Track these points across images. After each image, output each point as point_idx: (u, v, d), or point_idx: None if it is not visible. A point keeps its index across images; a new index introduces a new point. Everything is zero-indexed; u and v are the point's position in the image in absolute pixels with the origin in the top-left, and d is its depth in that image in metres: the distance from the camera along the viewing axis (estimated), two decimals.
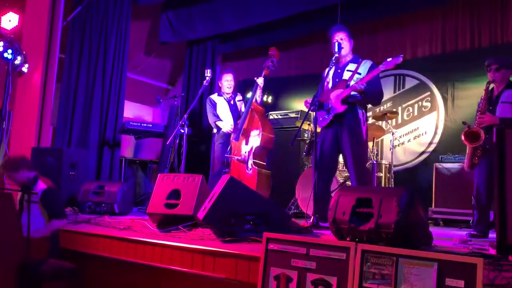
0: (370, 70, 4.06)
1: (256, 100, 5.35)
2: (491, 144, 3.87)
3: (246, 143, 5.17)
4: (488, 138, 3.89)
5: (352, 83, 4.04)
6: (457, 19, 5.97)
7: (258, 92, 5.34)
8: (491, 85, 4.04)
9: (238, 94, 5.72)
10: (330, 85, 4.24)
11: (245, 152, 5.13)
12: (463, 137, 3.95)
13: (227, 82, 5.61)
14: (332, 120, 4.12)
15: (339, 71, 4.21)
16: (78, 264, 3.50)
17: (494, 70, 3.96)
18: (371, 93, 3.99)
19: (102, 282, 3.68)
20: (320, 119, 4.23)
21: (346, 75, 4.13)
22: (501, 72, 3.96)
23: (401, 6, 6.10)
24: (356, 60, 4.20)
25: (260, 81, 5.27)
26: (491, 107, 3.96)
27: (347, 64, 4.19)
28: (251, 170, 5.01)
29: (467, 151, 3.99)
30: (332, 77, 4.24)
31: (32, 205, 3.27)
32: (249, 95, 5.40)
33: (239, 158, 5.13)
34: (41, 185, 3.42)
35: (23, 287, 3.03)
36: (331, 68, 4.20)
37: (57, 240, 3.50)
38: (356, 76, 4.08)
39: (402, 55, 3.86)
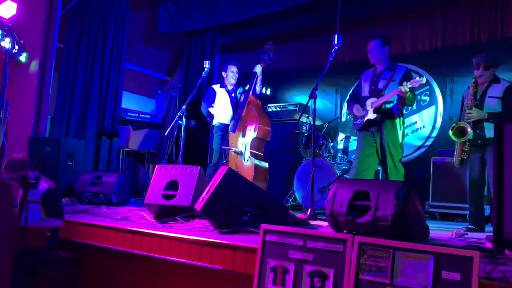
0: (404, 78, 4.12)
1: (255, 90, 5.35)
2: (484, 140, 3.90)
3: (243, 135, 5.19)
4: (479, 134, 3.91)
5: (386, 91, 4.15)
6: (457, 13, 5.95)
7: (258, 84, 5.36)
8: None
9: (240, 87, 5.73)
10: (367, 91, 4.35)
11: (242, 144, 5.15)
12: (451, 133, 4.00)
13: (233, 73, 5.63)
14: (364, 125, 4.25)
15: (375, 79, 4.31)
16: (76, 254, 3.51)
17: (483, 69, 4.00)
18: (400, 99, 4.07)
19: (99, 272, 3.69)
20: (354, 122, 4.45)
21: (382, 83, 4.23)
22: (489, 70, 4.01)
23: None
24: (392, 67, 4.28)
25: (258, 69, 5.28)
26: (478, 102, 3.99)
27: (382, 72, 4.28)
28: (248, 162, 5.03)
29: (457, 147, 4.02)
30: (369, 84, 4.34)
31: (33, 204, 3.29)
32: (247, 87, 5.41)
33: (236, 149, 5.15)
34: (43, 185, 3.43)
35: (19, 275, 3.04)
36: (368, 74, 4.38)
37: (56, 231, 3.50)
38: (391, 83, 4.17)
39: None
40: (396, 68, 4.27)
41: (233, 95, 5.62)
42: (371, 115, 4.17)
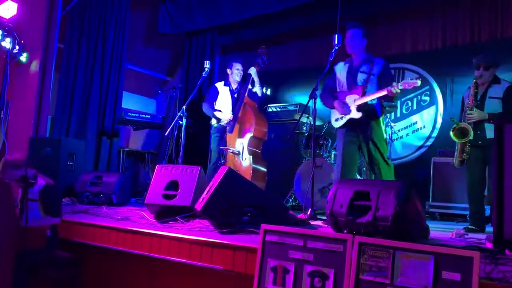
0: (383, 72, 4.07)
1: (256, 94, 5.38)
2: (484, 140, 3.90)
3: (240, 136, 5.21)
4: (480, 134, 3.91)
5: (368, 87, 4.04)
6: (457, 13, 5.95)
7: (257, 86, 5.37)
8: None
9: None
10: (344, 85, 4.21)
11: (240, 144, 5.16)
12: (452, 133, 3.99)
13: (238, 70, 5.58)
14: (346, 123, 4.13)
15: (353, 71, 4.17)
16: (76, 254, 3.51)
17: (483, 69, 3.99)
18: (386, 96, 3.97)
19: (100, 272, 3.69)
20: (334, 119, 4.26)
21: (361, 77, 4.10)
22: (490, 71, 4.00)
23: None
24: (369, 59, 4.16)
25: (253, 71, 5.29)
26: (478, 102, 3.99)
27: (360, 65, 4.15)
28: (246, 161, 5.04)
29: (457, 147, 4.02)
30: (347, 77, 4.20)
31: (32, 202, 3.29)
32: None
33: (234, 150, 5.16)
34: (40, 182, 3.44)
35: (20, 276, 3.04)
36: (343, 65, 4.21)
37: (56, 231, 3.50)
38: (371, 77, 4.07)
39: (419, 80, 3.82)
40: (374, 60, 4.13)
41: (235, 95, 5.58)
42: (355, 114, 4.03)
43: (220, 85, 5.64)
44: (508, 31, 5.52)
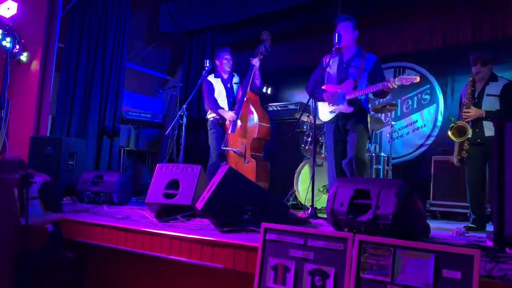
0: (375, 68, 4.04)
1: (255, 84, 5.24)
2: (483, 138, 3.90)
3: (243, 135, 5.14)
4: (478, 132, 3.91)
5: (359, 83, 4.02)
6: (458, 12, 5.95)
7: (257, 76, 5.26)
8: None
9: (235, 75, 5.55)
10: (334, 77, 4.17)
11: (242, 144, 5.11)
12: (449, 133, 3.98)
13: (226, 60, 5.45)
14: (335, 117, 4.11)
15: (344, 65, 4.13)
16: (77, 254, 3.52)
17: (481, 65, 3.98)
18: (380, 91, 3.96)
19: (101, 271, 3.70)
20: (322, 113, 4.22)
21: (353, 71, 4.07)
22: (487, 67, 3.99)
23: None
24: (360, 54, 4.12)
25: (257, 63, 5.20)
26: (476, 100, 3.98)
27: (352, 59, 4.11)
28: (248, 162, 5.01)
29: (456, 146, 4.01)
30: (337, 70, 4.15)
31: (32, 200, 3.29)
32: (245, 81, 5.30)
33: (236, 150, 5.11)
34: (39, 180, 3.43)
35: (21, 276, 3.04)
36: (332, 58, 4.13)
37: (59, 231, 3.50)
38: (363, 72, 4.04)
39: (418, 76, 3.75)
40: (365, 55, 4.10)
41: (228, 85, 5.45)
42: (346, 108, 4.00)
43: (211, 78, 5.47)
44: (509, 30, 5.52)
